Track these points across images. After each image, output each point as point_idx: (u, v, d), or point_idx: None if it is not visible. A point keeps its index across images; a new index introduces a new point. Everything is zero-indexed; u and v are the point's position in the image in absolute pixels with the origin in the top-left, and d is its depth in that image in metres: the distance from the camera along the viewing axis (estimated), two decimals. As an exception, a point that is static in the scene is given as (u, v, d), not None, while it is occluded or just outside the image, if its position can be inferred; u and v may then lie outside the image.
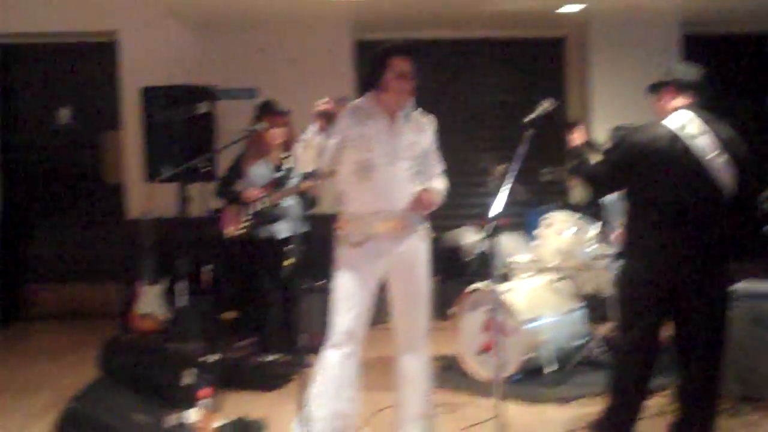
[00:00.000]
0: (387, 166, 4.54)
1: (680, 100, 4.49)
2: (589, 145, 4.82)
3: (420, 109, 4.75)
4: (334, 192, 4.70)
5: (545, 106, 4.66)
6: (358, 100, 4.65)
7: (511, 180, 4.41)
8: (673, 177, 4.33)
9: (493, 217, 4.29)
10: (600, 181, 4.57)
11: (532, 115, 4.59)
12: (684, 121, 4.37)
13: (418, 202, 4.57)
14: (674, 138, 4.34)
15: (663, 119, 4.46)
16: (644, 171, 4.36)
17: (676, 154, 4.32)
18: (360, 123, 4.51)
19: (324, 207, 5.01)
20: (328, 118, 4.33)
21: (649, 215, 4.38)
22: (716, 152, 4.32)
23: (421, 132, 4.69)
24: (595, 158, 4.75)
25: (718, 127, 4.39)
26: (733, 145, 4.37)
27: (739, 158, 4.36)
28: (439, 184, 4.77)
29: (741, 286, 5.67)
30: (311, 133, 4.38)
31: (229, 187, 6.65)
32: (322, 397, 4.46)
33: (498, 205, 4.29)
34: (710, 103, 4.54)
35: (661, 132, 4.38)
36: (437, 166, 4.81)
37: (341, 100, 4.47)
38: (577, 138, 4.79)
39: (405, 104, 4.60)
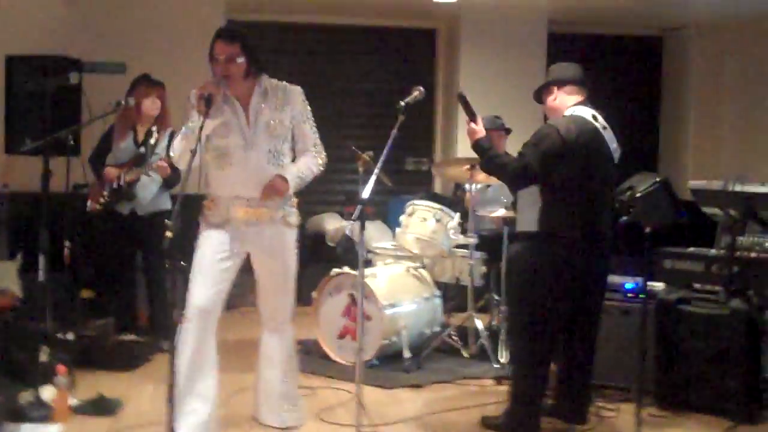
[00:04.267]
0: (243, 152, 4.52)
1: (576, 97, 4.73)
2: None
3: (284, 82, 4.69)
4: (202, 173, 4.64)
5: (416, 93, 4.66)
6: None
7: (381, 164, 4.42)
8: (597, 167, 4.61)
9: (361, 201, 4.31)
10: (525, 173, 4.58)
11: (406, 100, 4.57)
12: (593, 114, 4.63)
13: (269, 189, 4.52)
14: (596, 130, 4.63)
15: (558, 113, 4.72)
16: (573, 161, 4.54)
17: (599, 145, 4.62)
18: (218, 109, 4.42)
19: (193, 187, 4.95)
20: (207, 102, 4.23)
21: (572, 204, 4.58)
22: (616, 144, 4.68)
23: (283, 106, 4.61)
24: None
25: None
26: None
27: None
28: (307, 161, 4.69)
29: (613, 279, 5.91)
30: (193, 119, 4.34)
31: (98, 161, 6.56)
32: (182, 374, 4.39)
33: (367, 190, 4.31)
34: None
35: (587, 124, 4.62)
36: (309, 139, 4.71)
37: (219, 81, 4.42)
38: (479, 132, 4.79)
39: (230, 89, 4.47)
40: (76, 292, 7.16)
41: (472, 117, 4.82)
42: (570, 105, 4.75)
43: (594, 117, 4.68)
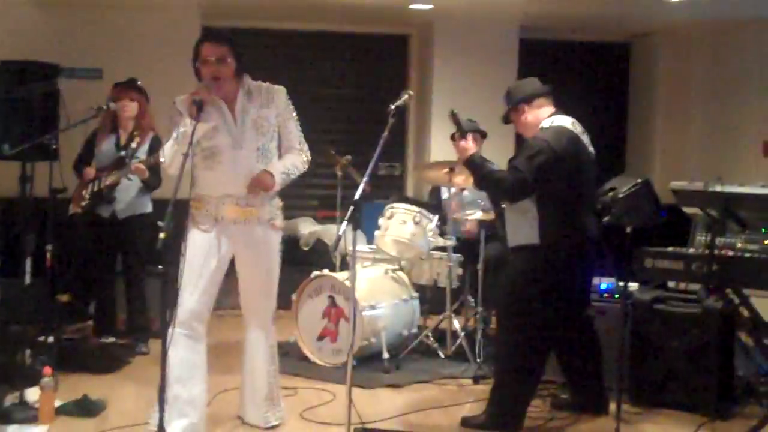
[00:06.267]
0: (231, 151, 4.57)
1: (548, 108, 4.86)
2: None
3: (267, 83, 4.77)
4: (189, 176, 4.63)
5: (406, 97, 4.63)
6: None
7: (371, 168, 4.40)
8: (585, 174, 4.78)
9: (355, 203, 4.32)
10: (522, 188, 4.63)
11: (396, 104, 4.55)
12: (572, 121, 4.77)
13: (255, 183, 4.58)
14: (578, 137, 4.80)
15: (535, 128, 4.82)
16: (566, 172, 4.67)
17: (584, 152, 4.80)
18: (207, 112, 4.44)
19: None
20: (199, 106, 4.27)
21: (569, 214, 4.72)
22: (591, 147, 4.87)
23: (268, 104, 4.69)
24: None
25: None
26: None
27: None
28: (293, 158, 4.77)
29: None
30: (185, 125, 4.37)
31: (82, 166, 6.60)
32: (172, 377, 4.38)
33: (359, 192, 4.32)
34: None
35: (571, 134, 4.77)
36: (294, 137, 4.80)
37: (209, 84, 4.46)
38: (471, 148, 4.86)
39: (220, 90, 4.51)
40: (53, 295, 7.18)
41: (463, 134, 4.88)
42: (545, 117, 4.88)
43: (573, 124, 4.82)
